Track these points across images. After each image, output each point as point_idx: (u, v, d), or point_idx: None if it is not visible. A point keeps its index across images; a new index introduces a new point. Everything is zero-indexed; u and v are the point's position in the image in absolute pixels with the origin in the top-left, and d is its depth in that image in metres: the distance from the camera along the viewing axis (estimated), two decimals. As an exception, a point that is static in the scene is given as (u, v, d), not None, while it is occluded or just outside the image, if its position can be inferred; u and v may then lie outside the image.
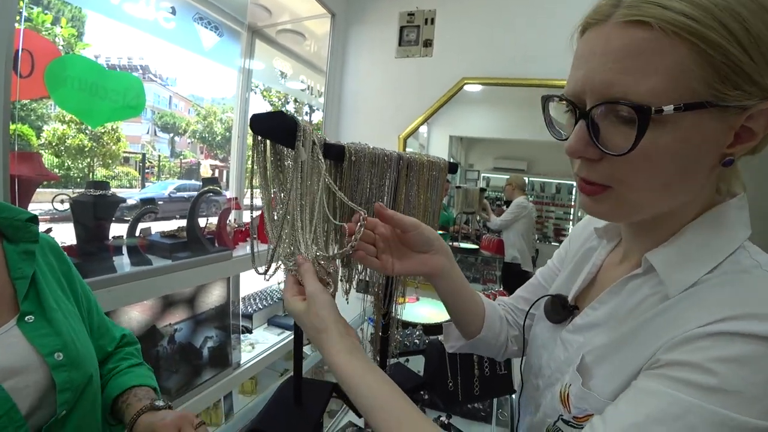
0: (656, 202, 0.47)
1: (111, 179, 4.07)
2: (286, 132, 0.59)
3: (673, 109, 0.39)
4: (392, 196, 0.76)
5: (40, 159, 1.14)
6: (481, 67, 1.91)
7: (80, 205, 1.22)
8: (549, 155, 2.44)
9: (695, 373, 0.38)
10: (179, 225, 1.61)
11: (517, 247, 2.31)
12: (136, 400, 0.69)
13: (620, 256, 0.59)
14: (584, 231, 0.72)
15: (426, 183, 0.81)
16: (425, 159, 0.81)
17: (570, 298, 0.63)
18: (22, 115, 3.10)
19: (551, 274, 0.77)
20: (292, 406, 0.81)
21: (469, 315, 0.74)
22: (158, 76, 4.86)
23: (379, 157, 0.73)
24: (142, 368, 0.78)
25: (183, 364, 1.60)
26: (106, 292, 1.18)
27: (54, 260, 0.70)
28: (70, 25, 2.06)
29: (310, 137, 0.64)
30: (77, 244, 1.26)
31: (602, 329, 0.53)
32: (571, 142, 0.46)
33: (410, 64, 2.03)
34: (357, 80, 2.17)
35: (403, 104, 2.04)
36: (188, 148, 4.95)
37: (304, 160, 0.61)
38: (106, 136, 3.47)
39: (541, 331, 0.67)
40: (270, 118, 0.58)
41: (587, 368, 0.51)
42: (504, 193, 2.45)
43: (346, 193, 0.70)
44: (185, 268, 1.41)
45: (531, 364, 0.67)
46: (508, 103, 2.22)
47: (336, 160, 0.70)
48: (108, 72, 1.66)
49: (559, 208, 2.47)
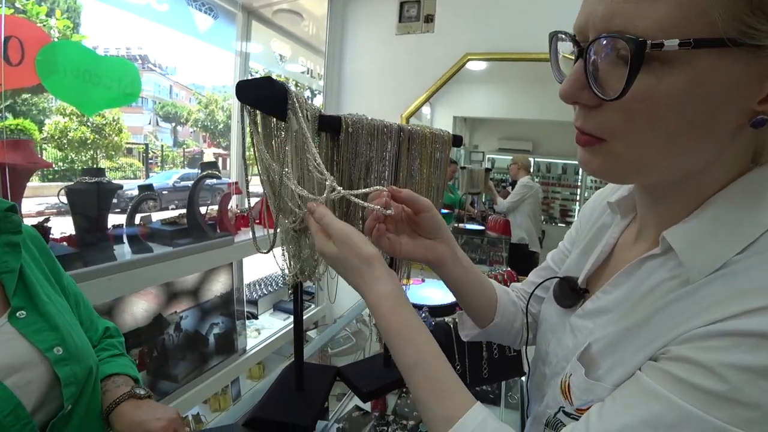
0: (659, 162, 0.39)
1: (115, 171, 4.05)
2: (276, 101, 0.54)
3: (678, 45, 0.32)
4: (393, 170, 0.71)
5: (31, 146, 1.10)
6: (485, 43, 1.83)
7: (76, 193, 1.18)
8: (555, 135, 2.38)
9: (703, 375, 0.32)
10: (180, 212, 1.58)
11: (524, 228, 2.26)
12: (114, 387, 0.66)
13: (635, 234, 0.53)
14: (596, 207, 0.65)
15: (429, 156, 0.76)
16: (427, 131, 0.76)
17: (580, 281, 0.57)
18: (23, 110, 3.06)
19: (562, 257, 0.71)
20: (294, 391, 0.78)
21: (480, 302, 0.69)
22: (158, 66, 4.80)
23: (378, 129, 0.68)
24: (123, 359, 0.75)
25: (189, 351, 1.59)
26: (107, 280, 1.16)
27: (38, 252, 0.67)
28: (65, 16, 2.01)
29: (303, 106, 0.60)
30: (76, 234, 1.24)
31: (613, 315, 0.47)
32: (565, 84, 0.40)
33: (411, 41, 1.95)
34: (357, 59, 2.10)
35: (404, 83, 1.97)
36: (191, 137, 4.92)
37: (297, 131, 0.56)
38: (108, 127, 3.44)
39: (550, 315, 0.62)
40: (257, 86, 0.53)
41: (592, 358, 0.45)
42: (509, 173, 2.39)
43: (343, 167, 0.65)
44: (187, 255, 1.38)
45: (539, 349, 0.63)
46: (512, 81, 2.15)
47: (332, 132, 0.65)
48: (101, 58, 1.62)
49: (566, 188, 2.41)
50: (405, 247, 0.59)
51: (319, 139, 0.67)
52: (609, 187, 0.67)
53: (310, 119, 0.62)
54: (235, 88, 0.53)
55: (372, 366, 0.87)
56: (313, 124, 0.63)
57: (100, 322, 0.78)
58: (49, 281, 0.66)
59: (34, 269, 0.64)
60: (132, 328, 1.38)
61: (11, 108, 2.85)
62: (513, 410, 1.13)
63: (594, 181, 2.46)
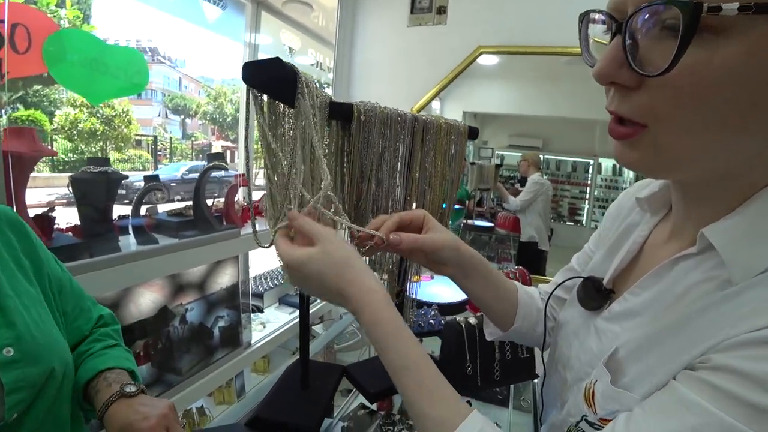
0: (709, 152, 0.35)
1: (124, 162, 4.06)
2: (284, 84, 0.50)
3: (738, 9, 0.27)
4: (407, 162, 0.67)
5: (34, 134, 1.07)
6: (499, 35, 1.78)
7: (81, 182, 1.16)
8: (565, 132, 2.33)
9: (749, 387, 0.29)
10: (187, 204, 1.56)
11: (534, 226, 2.21)
12: (105, 386, 0.60)
13: (668, 232, 0.49)
14: (624, 205, 0.61)
15: (444, 149, 0.72)
16: (443, 122, 0.72)
17: (606, 281, 0.53)
18: (35, 101, 3.05)
19: (586, 258, 0.67)
20: (299, 390, 0.74)
21: (499, 308, 0.67)
22: (167, 58, 4.78)
23: (392, 118, 0.64)
24: (118, 350, 0.69)
25: (194, 343, 1.56)
26: (112, 271, 1.13)
27: (13, 237, 0.60)
28: (76, 7, 1.99)
29: (314, 92, 0.55)
30: (81, 224, 1.21)
31: (643, 319, 0.43)
32: (601, 62, 0.36)
33: (423, 33, 1.89)
34: (367, 51, 2.05)
35: (415, 76, 1.92)
36: (199, 130, 4.90)
37: (305, 119, 0.52)
38: (117, 119, 3.43)
39: (572, 316, 0.58)
40: (265, 68, 0.49)
41: (619, 364, 0.41)
42: (518, 170, 2.35)
43: (354, 158, 0.61)
44: (192, 247, 1.35)
45: (559, 353, 0.58)
46: (524, 77, 2.10)
47: (343, 120, 0.61)
48: (109, 47, 1.59)
49: (575, 186, 2.37)
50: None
51: (329, 128, 0.63)
52: (637, 184, 0.62)
53: (320, 106, 0.58)
54: (242, 69, 0.49)
55: (379, 365, 0.82)
56: (323, 112, 0.59)
57: (95, 309, 0.72)
58: (23, 269, 0.59)
59: (3, 255, 0.57)
60: (137, 319, 1.36)
61: (23, 99, 2.83)
62: (523, 413, 1.09)
63: (604, 180, 2.41)
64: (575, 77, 1.96)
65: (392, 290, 0.74)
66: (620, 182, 2.35)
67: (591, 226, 2.39)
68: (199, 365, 1.55)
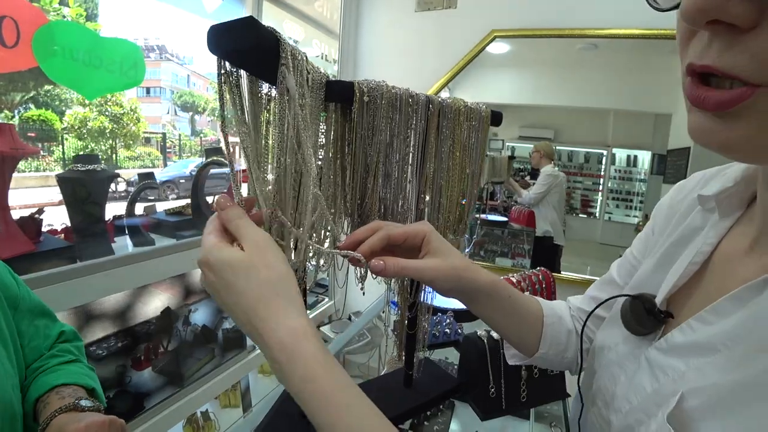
0: None
1: (134, 160, 4.00)
2: (262, 53, 0.38)
3: None
4: (420, 152, 0.54)
5: (13, 130, 0.97)
6: (513, 18, 1.63)
7: (68, 182, 1.05)
8: (577, 122, 2.23)
9: None
10: (187, 202, 1.46)
11: (549, 220, 2.07)
12: (57, 399, 0.53)
13: (749, 241, 0.36)
14: (678, 203, 0.48)
15: (463, 136, 0.59)
16: (462, 104, 0.59)
17: (659, 301, 0.41)
18: (46, 101, 3.00)
19: (629, 268, 0.55)
20: (296, 416, 0.63)
21: (517, 332, 0.55)
22: (175, 56, 4.72)
23: (402, 99, 0.51)
24: (77, 365, 0.62)
25: (198, 346, 1.48)
26: (103, 275, 1.03)
27: None
28: (79, 4, 1.89)
29: (304, 66, 0.43)
30: (72, 226, 1.11)
31: (721, 357, 0.31)
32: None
33: (432, 18, 1.75)
34: (373, 39, 1.91)
35: (424, 64, 1.78)
36: (208, 127, 4.84)
37: (293, 97, 0.40)
38: (126, 117, 3.38)
39: (614, 341, 0.46)
40: (235, 31, 0.36)
41: (689, 418, 0.30)
42: (530, 161, 2.22)
43: (357, 149, 0.49)
44: (190, 248, 1.25)
45: (600, 385, 0.46)
46: (535, 65, 1.98)
47: (342, 102, 0.49)
48: (102, 39, 1.48)
49: (588, 178, 2.23)
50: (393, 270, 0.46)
51: (326, 113, 0.51)
52: (696, 177, 0.49)
53: (313, 85, 0.46)
54: (207, 34, 0.37)
55: (390, 385, 0.72)
56: (317, 93, 0.47)
57: (54, 326, 0.65)
58: None
59: None
60: (140, 320, 1.28)
61: (34, 99, 2.77)
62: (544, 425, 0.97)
63: (618, 171, 2.31)
64: (588, 65, 1.84)
65: (404, 302, 0.62)
66: (634, 173, 2.25)
67: (605, 219, 2.29)
68: (202, 369, 1.46)
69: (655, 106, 1.89)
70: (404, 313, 0.63)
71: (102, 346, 1.22)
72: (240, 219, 0.39)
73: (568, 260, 2.04)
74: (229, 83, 0.39)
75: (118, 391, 1.21)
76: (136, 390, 1.25)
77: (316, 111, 0.48)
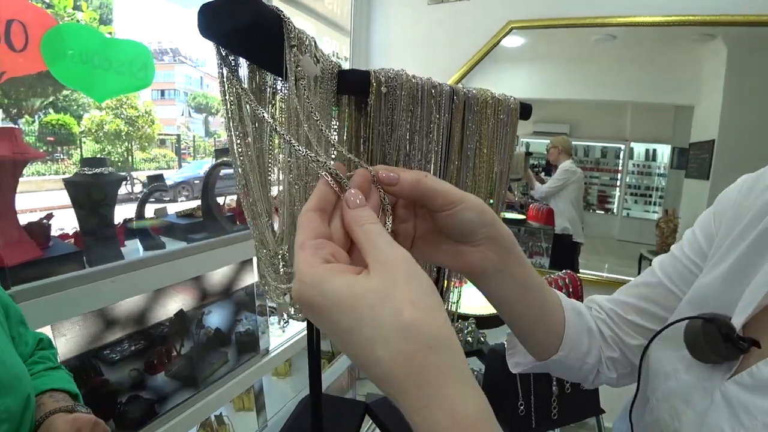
0: None
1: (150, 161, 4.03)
2: (263, 34, 0.31)
3: None
4: (444, 150, 0.47)
5: (18, 135, 0.93)
6: (530, 8, 1.54)
7: (75, 186, 1.01)
8: (594, 116, 2.13)
9: None
10: (198, 204, 1.42)
11: (567, 217, 1.99)
12: (51, 401, 0.56)
13: None
14: (748, 201, 0.40)
15: (491, 131, 0.52)
16: (489, 96, 0.52)
17: (738, 324, 0.33)
18: (64, 105, 3.03)
19: (683, 271, 0.46)
20: (311, 437, 0.57)
21: (539, 330, 0.45)
22: (188, 58, 4.73)
23: (424, 90, 0.44)
24: (60, 372, 0.65)
25: (212, 349, 1.44)
26: (110, 282, 0.99)
27: None
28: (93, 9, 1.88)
29: (313, 52, 0.37)
30: (81, 231, 1.08)
31: None
32: None
33: (445, 10, 1.67)
34: (385, 34, 1.84)
35: (438, 58, 1.70)
36: (222, 127, 4.87)
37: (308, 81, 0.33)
38: (141, 119, 3.41)
39: (672, 365, 0.38)
40: (229, 8, 0.30)
41: None
42: (548, 157, 2.15)
43: (374, 146, 0.42)
44: (201, 251, 1.20)
45: (654, 417, 0.39)
46: (550, 59, 1.90)
47: (357, 94, 0.42)
48: (111, 41, 1.45)
49: (605, 173, 2.17)
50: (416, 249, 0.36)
51: (338, 108, 0.44)
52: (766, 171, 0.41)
53: (323, 74, 0.39)
54: (197, 15, 0.30)
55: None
56: (329, 84, 0.40)
57: (30, 333, 0.66)
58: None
59: None
60: (154, 322, 1.24)
61: (53, 104, 2.78)
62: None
63: (636, 165, 2.23)
64: (605, 57, 1.75)
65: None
66: (654, 168, 2.17)
67: (623, 215, 2.22)
68: (217, 374, 1.42)
69: (675, 97, 1.79)
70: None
71: (116, 349, 1.19)
72: (372, 225, 0.27)
73: (585, 257, 1.97)
74: (229, 72, 0.33)
75: (131, 396, 1.17)
76: (150, 395, 1.21)
77: (328, 105, 0.42)
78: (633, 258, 1.98)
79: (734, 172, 0.47)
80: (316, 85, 0.38)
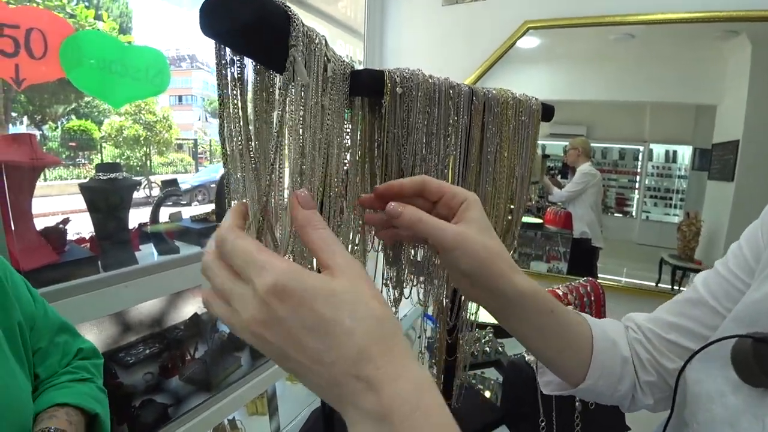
0: None
1: (167, 165, 4.09)
2: (270, 32, 0.29)
3: None
4: (463, 154, 0.44)
5: (34, 141, 0.93)
6: (546, 8, 1.50)
7: (90, 191, 1.01)
8: (611, 117, 2.08)
9: None
10: (213, 208, 1.42)
11: (586, 221, 1.93)
12: (46, 417, 0.48)
13: None
14: None
15: (511, 133, 0.49)
16: (509, 96, 0.49)
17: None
18: (86, 112, 3.11)
19: (728, 287, 0.42)
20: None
21: (562, 359, 0.43)
22: (205, 64, 4.82)
23: (442, 91, 0.41)
24: (87, 385, 0.57)
25: (226, 353, 1.43)
26: (123, 287, 0.98)
27: None
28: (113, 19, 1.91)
29: (322, 50, 0.34)
30: (96, 235, 1.08)
31: None
32: None
33: (460, 11, 1.63)
34: (398, 38, 1.81)
35: (453, 60, 1.67)
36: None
37: (306, 86, 0.31)
38: (159, 124, 3.47)
39: (717, 388, 0.35)
40: (232, 5, 0.27)
41: None
42: (567, 159, 2.09)
43: (389, 150, 0.40)
44: (215, 256, 1.19)
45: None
46: (567, 59, 1.84)
47: (371, 96, 0.40)
48: (127, 47, 1.46)
49: (623, 175, 2.09)
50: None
51: (351, 110, 0.42)
52: None
53: (335, 75, 0.36)
54: (199, 12, 0.28)
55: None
56: (340, 85, 0.38)
57: (75, 341, 0.60)
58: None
59: None
60: (167, 326, 1.24)
61: (75, 110, 2.84)
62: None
63: (656, 167, 2.16)
64: (623, 56, 1.70)
65: (443, 326, 0.53)
66: (674, 169, 2.09)
67: (642, 218, 2.15)
68: (230, 378, 1.41)
69: (697, 97, 1.72)
70: (443, 338, 0.54)
71: (131, 353, 1.19)
72: (327, 231, 0.29)
73: (603, 261, 1.91)
74: (234, 71, 0.30)
75: (145, 400, 1.17)
76: (164, 399, 1.20)
77: (340, 107, 0.39)
78: (653, 262, 1.91)
79: (760, 174, 0.43)
80: (327, 86, 0.36)
